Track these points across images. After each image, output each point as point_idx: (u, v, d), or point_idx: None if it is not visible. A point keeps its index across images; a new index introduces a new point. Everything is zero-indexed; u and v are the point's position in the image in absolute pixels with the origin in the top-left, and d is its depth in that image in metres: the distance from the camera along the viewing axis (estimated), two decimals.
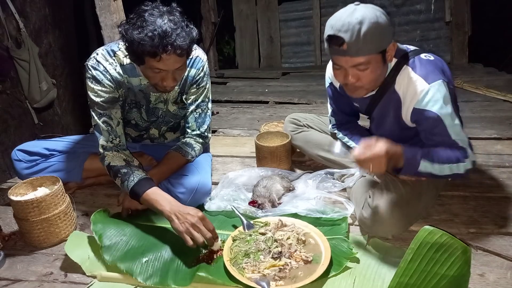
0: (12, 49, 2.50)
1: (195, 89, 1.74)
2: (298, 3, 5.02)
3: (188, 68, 1.68)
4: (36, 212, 1.52)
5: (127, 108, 1.75)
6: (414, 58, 1.44)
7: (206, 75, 1.75)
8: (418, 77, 1.39)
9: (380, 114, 1.61)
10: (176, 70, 1.49)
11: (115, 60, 1.60)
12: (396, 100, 1.48)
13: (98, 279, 1.36)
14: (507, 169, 1.96)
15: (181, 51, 1.41)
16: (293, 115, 2.08)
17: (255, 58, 5.26)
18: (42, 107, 2.74)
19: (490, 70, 3.95)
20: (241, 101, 3.59)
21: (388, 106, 1.53)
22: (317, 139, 1.94)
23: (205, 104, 1.78)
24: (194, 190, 1.66)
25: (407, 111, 1.45)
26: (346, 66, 1.39)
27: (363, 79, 1.40)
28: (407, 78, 1.42)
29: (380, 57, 1.37)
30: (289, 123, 2.06)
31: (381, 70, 1.41)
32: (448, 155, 1.40)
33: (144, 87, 1.67)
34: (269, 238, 1.44)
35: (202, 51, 1.73)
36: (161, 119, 1.82)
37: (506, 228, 1.53)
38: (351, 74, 1.39)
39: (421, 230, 1.08)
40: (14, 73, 2.56)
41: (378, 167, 1.31)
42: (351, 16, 1.30)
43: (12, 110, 2.54)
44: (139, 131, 1.87)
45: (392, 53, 1.40)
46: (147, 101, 1.73)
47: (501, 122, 2.60)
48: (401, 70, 1.45)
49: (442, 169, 1.40)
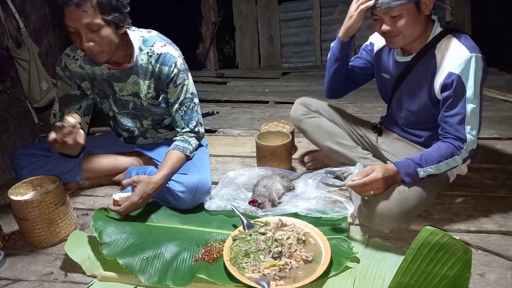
0: (12, 48, 2.49)
1: (173, 87, 1.72)
2: (298, 3, 5.01)
3: (158, 65, 1.67)
4: (36, 212, 1.52)
5: (98, 99, 1.80)
6: (461, 34, 1.49)
7: (181, 72, 1.71)
8: (462, 45, 1.44)
9: (412, 83, 1.61)
10: (89, 30, 1.44)
11: (78, 53, 1.67)
12: (432, 65, 1.51)
13: (98, 279, 1.36)
14: (507, 169, 1.96)
15: (79, 1, 1.38)
16: (305, 99, 1.96)
17: (255, 58, 5.26)
18: (42, 107, 2.73)
19: (490, 70, 3.92)
20: (241, 101, 3.58)
21: (423, 72, 1.55)
22: (330, 129, 1.85)
23: (188, 100, 1.77)
24: (194, 189, 1.66)
25: (442, 75, 1.47)
26: (381, 15, 1.45)
27: (399, 27, 1.44)
28: (450, 44, 1.47)
29: (413, 6, 1.41)
30: (301, 106, 1.92)
31: (416, 20, 1.45)
32: (441, 153, 1.45)
33: (106, 76, 1.70)
34: (269, 238, 1.44)
35: (174, 48, 1.71)
36: (138, 112, 1.82)
37: (506, 228, 1.53)
38: (386, 22, 1.45)
39: (422, 230, 1.08)
40: (14, 73, 2.56)
41: (377, 189, 1.42)
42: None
43: (12, 110, 2.53)
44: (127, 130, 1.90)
45: (429, 5, 1.44)
46: (112, 91, 1.76)
47: (501, 122, 2.60)
48: (444, 38, 1.49)
49: (439, 167, 1.46)
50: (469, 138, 1.44)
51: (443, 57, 1.47)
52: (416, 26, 1.46)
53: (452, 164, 1.47)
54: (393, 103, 1.76)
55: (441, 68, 1.48)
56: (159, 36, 1.74)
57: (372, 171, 1.42)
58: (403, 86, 1.65)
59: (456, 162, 1.47)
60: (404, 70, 1.61)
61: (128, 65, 1.67)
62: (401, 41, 1.50)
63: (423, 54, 1.53)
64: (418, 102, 1.61)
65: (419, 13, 1.43)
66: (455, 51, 1.45)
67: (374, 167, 1.44)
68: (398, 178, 1.46)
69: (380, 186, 1.42)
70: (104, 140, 2.07)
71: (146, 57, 1.68)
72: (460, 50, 1.43)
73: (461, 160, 1.47)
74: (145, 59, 1.69)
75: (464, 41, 1.46)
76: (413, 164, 1.45)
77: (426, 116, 1.61)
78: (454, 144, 1.45)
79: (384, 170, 1.43)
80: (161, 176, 1.61)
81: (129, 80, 1.71)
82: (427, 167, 1.44)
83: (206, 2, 4.93)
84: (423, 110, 1.61)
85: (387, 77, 1.72)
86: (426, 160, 1.44)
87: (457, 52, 1.44)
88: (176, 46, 1.74)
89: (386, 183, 1.43)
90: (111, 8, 1.45)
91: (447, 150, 1.45)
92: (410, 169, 1.45)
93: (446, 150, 1.45)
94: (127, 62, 1.67)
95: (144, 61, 1.69)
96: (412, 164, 1.45)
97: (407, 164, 1.46)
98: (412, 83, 1.61)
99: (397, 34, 1.47)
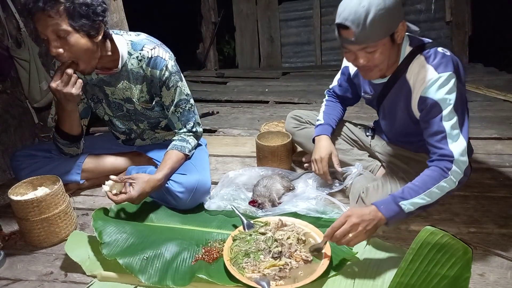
0: (12, 48, 2.49)
1: (166, 90, 1.71)
2: (298, 2, 5.02)
3: (150, 68, 1.66)
4: (36, 212, 1.52)
5: (92, 104, 1.81)
6: (430, 50, 1.43)
7: (173, 74, 1.69)
8: (430, 66, 1.39)
9: (391, 104, 1.60)
10: (57, 36, 1.42)
11: None
12: (406, 89, 1.48)
13: (98, 279, 1.36)
14: (507, 169, 1.96)
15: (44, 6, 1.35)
16: (295, 112, 2.07)
17: (255, 58, 5.26)
18: (42, 107, 2.73)
19: (490, 70, 3.95)
20: (241, 101, 3.58)
21: (399, 95, 1.52)
22: None
23: (184, 102, 1.76)
24: (194, 189, 1.66)
25: (415, 100, 1.44)
26: (354, 50, 1.39)
27: (375, 61, 1.40)
28: (419, 66, 1.42)
29: (388, 40, 1.37)
30: (292, 120, 2.05)
31: (391, 51, 1.41)
32: (426, 180, 1.32)
33: (96, 80, 1.70)
34: (269, 238, 1.43)
35: (164, 50, 1.68)
36: (133, 116, 1.83)
37: (506, 228, 1.53)
38: (361, 56, 1.39)
39: (422, 230, 1.08)
40: (14, 73, 2.56)
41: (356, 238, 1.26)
42: (358, 4, 1.29)
43: (12, 110, 2.54)
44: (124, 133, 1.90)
45: (402, 33, 1.39)
46: (104, 95, 1.76)
47: (501, 122, 2.60)
48: (414, 59, 1.45)
49: (431, 195, 1.31)
50: (457, 154, 1.31)
51: (415, 82, 1.43)
52: (391, 56, 1.42)
53: (445, 188, 1.31)
54: (380, 117, 1.77)
55: (414, 92, 1.44)
56: (148, 38, 1.71)
57: (344, 218, 1.26)
58: (385, 104, 1.64)
59: (449, 184, 1.32)
60: (382, 91, 1.59)
61: (116, 70, 1.66)
62: (377, 73, 1.46)
63: (397, 77, 1.50)
64: (399, 121, 1.60)
65: (394, 43, 1.40)
66: (423, 74, 1.39)
67: (349, 212, 1.28)
68: (380, 216, 1.28)
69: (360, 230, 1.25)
70: (104, 140, 2.07)
71: (136, 61, 1.67)
72: (428, 72, 1.38)
73: (454, 182, 1.32)
74: (135, 63, 1.67)
75: (432, 59, 1.39)
76: (393, 199, 1.30)
77: (411, 131, 1.58)
78: (440, 166, 1.33)
79: (360, 213, 1.26)
80: (161, 176, 1.61)
81: (119, 85, 1.70)
82: (413, 198, 1.30)
83: (206, 2, 4.93)
84: (407, 128, 1.59)
85: (368, 97, 1.72)
86: (410, 192, 1.31)
87: (426, 76, 1.38)
88: (166, 47, 1.72)
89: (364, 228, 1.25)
90: (80, 15, 1.41)
91: (432, 175, 1.32)
92: (391, 205, 1.29)
93: (431, 176, 1.33)
94: (116, 67, 1.65)
95: (135, 65, 1.67)
96: (391, 199, 1.30)
97: (387, 200, 1.31)
98: (392, 103, 1.59)
99: (373, 68, 1.43)
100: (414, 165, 1.64)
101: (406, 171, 1.66)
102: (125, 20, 2.42)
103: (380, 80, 1.55)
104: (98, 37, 1.50)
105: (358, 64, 1.43)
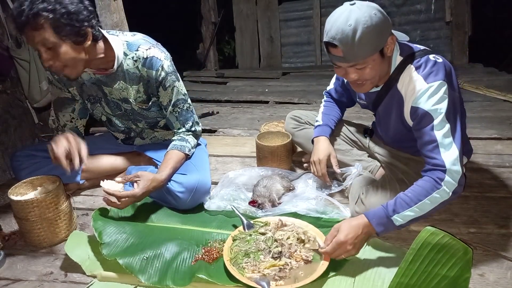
0: (12, 48, 2.49)
1: (163, 91, 1.71)
2: (298, 3, 5.02)
3: (146, 69, 1.66)
4: (36, 212, 1.52)
5: (89, 105, 1.80)
6: (421, 58, 1.42)
7: (169, 74, 1.69)
8: (419, 76, 1.38)
9: (385, 112, 1.60)
10: (46, 48, 1.42)
11: None
12: (398, 98, 1.47)
13: (98, 279, 1.36)
14: (507, 169, 1.96)
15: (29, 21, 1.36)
16: (295, 113, 2.08)
17: (255, 58, 5.26)
18: (42, 107, 2.73)
19: (490, 70, 3.95)
20: (241, 101, 3.58)
21: (392, 104, 1.52)
22: None
23: (181, 102, 1.76)
24: (194, 189, 1.66)
25: (407, 109, 1.44)
26: (344, 67, 1.39)
27: (366, 76, 1.39)
28: (409, 77, 1.41)
29: (378, 55, 1.35)
30: (291, 120, 2.06)
31: (381, 65, 1.40)
32: (418, 192, 1.30)
33: (94, 79, 1.70)
34: (269, 238, 1.43)
35: (159, 50, 1.68)
36: (131, 116, 1.83)
37: (506, 228, 1.53)
38: (351, 72, 1.39)
39: (422, 230, 1.08)
40: (14, 73, 2.56)
41: (348, 251, 1.28)
42: (344, 22, 1.28)
43: (12, 110, 2.54)
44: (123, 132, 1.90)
45: (391, 46, 1.38)
46: (103, 94, 1.75)
47: (501, 122, 2.60)
48: (405, 69, 1.44)
49: (422, 207, 1.28)
50: (449, 163, 1.28)
51: (406, 92, 1.43)
52: (382, 69, 1.42)
53: (438, 199, 1.28)
54: (376, 121, 1.77)
55: (405, 102, 1.44)
56: (144, 38, 1.71)
57: (336, 231, 1.29)
58: (380, 111, 1.64)
59: (442, 196, 1.28)
60: (376, 99, 1.59)
61: (111, 70, 1.65)
62: (369, 86, 1.46)
63: (389, 87, 1.49)
64: (394, 128, 1.60)
65: (383, 57, 1.39)
66: (413, 85, 1.38)
67: (339, 226, 1.31)
68: (371, 229, 1.30)
69: (348, 248, 1.27)
70: (104, 140, 2.07)
71: (132, 62, 1.66)
72: (418, 83, 1.36)
73: (448, 193, 1.28)
74: (131, 64, 1.66)
75: (422, 69, 1.38)
76: (385, 212, 1.29)
77: (406, 138, 1.58)
78: (432, 176, 1.30)
79: (348, 230, 1.28)
80: (165, 176, 1.61)
81: (115, 86, 1.70)
82: (405, 211, 1.28)
83: (206, 2, 4.93)
84: (402, 135, 1.58)
85: (363, 103, 1.72)
86: (402, 204, 1.28)
87: (416, 86, 1.37)
88: (162, 47, 1.71)
89: (353, 245, 1.28)
90: (65, 24, 1.41)
91: (425, 187, 1.29)
92: (382, 219, 1.29)
93: (423, 187, 1.29)
94: (111, 67, 1.65)
95: (130, 66, 1.67)
96: (384, 213, 1.30)
97: (379, 212, 1.30)
98: (386, 112, 1.59)
99: (365, 82, 1.42)
100: (414, 166, 1.64)
101: (405, 171, 1.66)
102: (125, 20, 2.41)
103: (373, 89, 1.54)
104: (87, 42, 1.49)
105: (349, 79, 1.43)
